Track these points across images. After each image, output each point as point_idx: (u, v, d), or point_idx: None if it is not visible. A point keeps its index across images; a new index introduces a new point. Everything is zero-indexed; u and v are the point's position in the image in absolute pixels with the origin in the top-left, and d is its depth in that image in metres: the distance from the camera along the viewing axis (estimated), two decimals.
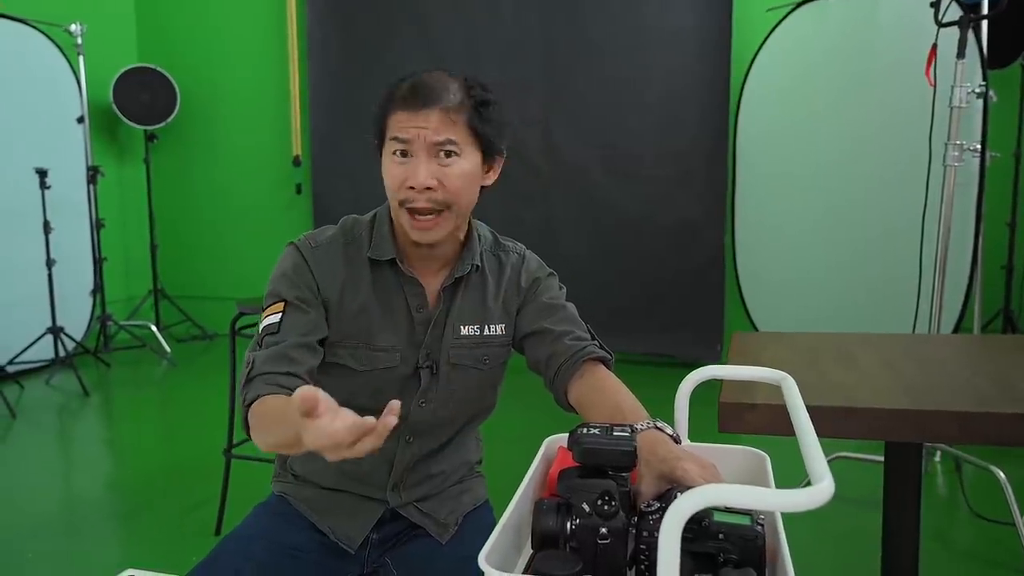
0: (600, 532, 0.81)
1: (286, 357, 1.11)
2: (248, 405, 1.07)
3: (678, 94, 4.28)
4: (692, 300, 4.36)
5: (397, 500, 1.26)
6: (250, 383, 1.09)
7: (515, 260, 1.30)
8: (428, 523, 1.27)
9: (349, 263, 1.20)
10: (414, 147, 1.11)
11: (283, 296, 1.16)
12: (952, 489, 2.73)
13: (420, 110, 1.10)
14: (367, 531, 1.25)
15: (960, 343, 1.70)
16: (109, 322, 4.78)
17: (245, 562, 1.15)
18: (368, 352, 1.19)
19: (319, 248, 1.20)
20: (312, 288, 1.17)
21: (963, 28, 2.55)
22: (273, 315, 1.15)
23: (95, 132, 4.98)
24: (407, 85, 1.13)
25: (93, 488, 2.89)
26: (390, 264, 1.21)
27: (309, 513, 1.26)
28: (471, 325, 1.23)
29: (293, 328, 1.14)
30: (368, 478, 1.25)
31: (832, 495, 0.65)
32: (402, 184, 1.12)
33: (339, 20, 4.89)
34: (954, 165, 2.64)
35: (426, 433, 1.25)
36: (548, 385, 1.24)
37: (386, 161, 1.15)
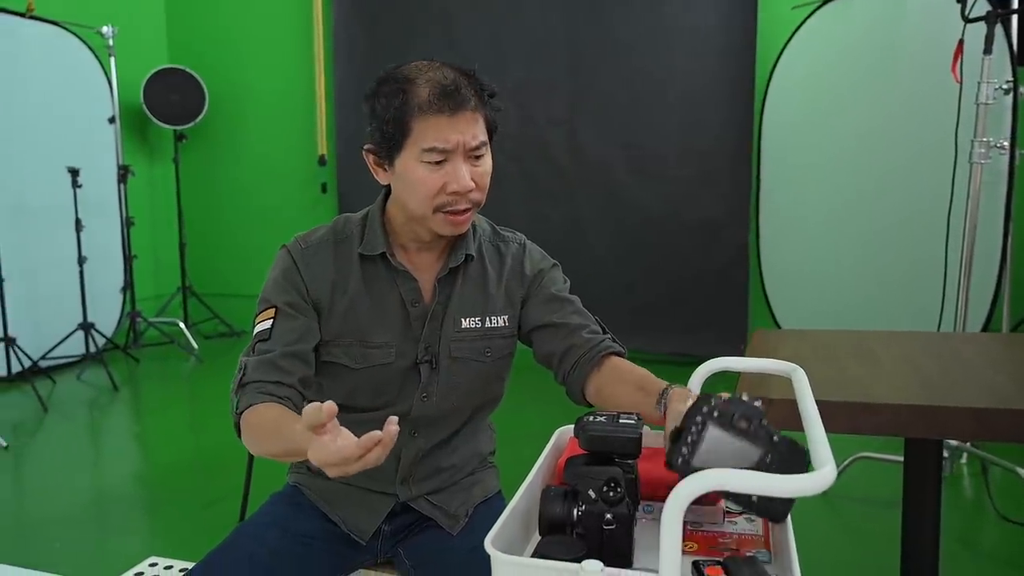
0: (606, 518, 0.82)
1: (275, 366, 1.12)
2: (240, 412, 1.10)
3: (702, 93, 4.26)
4: (715, 299, 4.34)
5: (407, 493, 1.26)
6: (242, 389, 1.11)
7: (516, 250, 1.29)
8: (438, 515, 1.27)
9: (338, 261, 1.20)
10: (453, 154, 1.10)
11: (273, 302, 1.18)
12: (978, 491, 2.69)
13: (454, 115, 1.08)
14: (377, 523, 1.26)
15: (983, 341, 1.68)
16: (138, 319, 4.86)
17: (259, 548, 1.17)
18: (362, 349, 1.19)
19: (308, 248, 1.21)
20: (301, 291, 1.18)
21: (990, 23, 2.51)
22: (265, 321, 1.17)
23: (126, 132, 5.07)
24: (431, 88, 1.09)
25: (121, 480, 2.95)
26: (382, 259, 1.20)
27: (321, 504, 1.28)
28: (472, 317, 1.23)
29: (283, 336, 1.15)
30: (377, 472, 1.26)
31: (833, 481, 0.65)
32: (441, 190, 1.11)
33: (365, 21, 4.94)
34: (980, 162, 2.61)
35: (431, 426, 1.25)
36: (562, 379, 1.23)
37: (413, 169, 1.11)
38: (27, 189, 4.30)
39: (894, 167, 3.55)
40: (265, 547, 1.18)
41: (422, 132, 1.09)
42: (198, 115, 5.07)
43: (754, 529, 0.96)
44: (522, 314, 1.27)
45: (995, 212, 2.92)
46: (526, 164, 4.64)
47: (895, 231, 3.56)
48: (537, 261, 1.29)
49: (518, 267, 1.27)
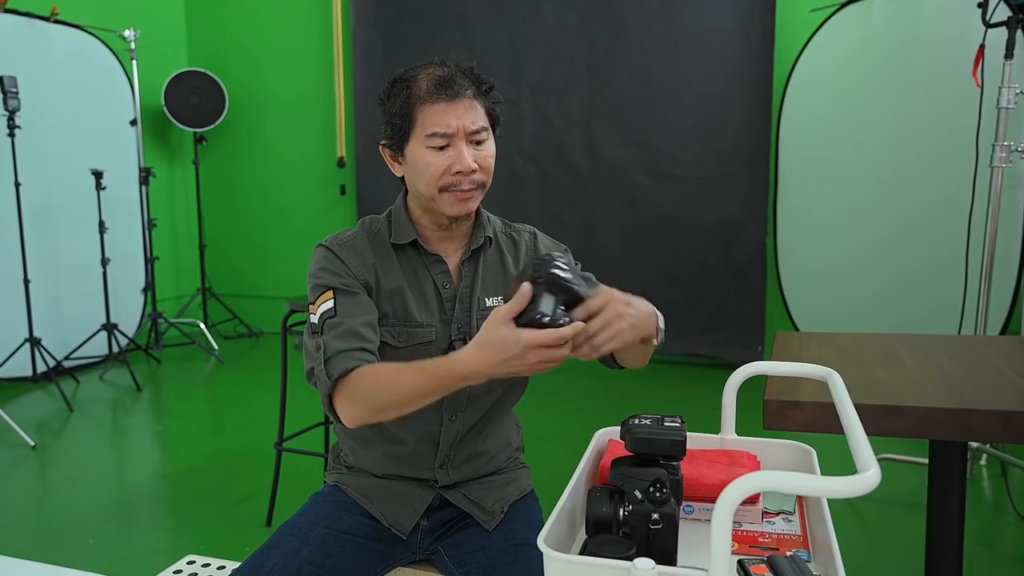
0: (652, 518, 0.85)
1: (356, 334, 1.18)
2: (336, 380, 1.15)
3: (720, 95, 4.27)
4: (733, 300, 4.35)
5: (445, 478, 1.31)
6: (329, 362, 1.16)
7: (528, 238, 1.39)
8: (475, 511, 1.31)
9: (376, 251, 1.28)
10: (454, 138, 1.20)
11: (330, 285, 1.23)
12: (998, 493, 2.70)
13: (454, 101, 1.19)
14: (418, 516, 1.30)
15: (1005, 344, 1.70)
16: (160, 319, 4.92)
17: (303, 545, 1.21)
18: (406, 329, 1.26)
19: (345, 244, 1.28)
20: (351, 275, 1.25)
21: (1011, 28, 2.52)
22: (326, 303, 1.22)
23: (147, 134, 5.14)
24: (430, 79, 1.20)
25: (148, 479, 3.00)
26: (412, 247, 1.29)
27: (362, 500, 1.31)
28: (494, 297, 1.31)
29: (350, 310, 1.21)
30: (417, 459, 1.30)
31: (879, 483, 0.68)
32: (446, 171, 1.20)
33: (383, 23, 4.98)
34: (1002, 166, 2.62)
35: (466, 409, 1.30)
36: None
37: (420, 154, 1.21)
38: (52, 191, 4.36)
39: (913, 169, 3.56)
40: (309, 544, 1.21)
41: (425, 119, 1.19)
42: (218, 118, 5.13)
43: (793, 529, 0.99)
44: None
45: (1014, 215, 2.93)
46: (543, 165, 4.68)
47: (913, 233, 3.57)
48: (550, 246, 1.39)
49: (531, 252, 1.37)
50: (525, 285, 0.98)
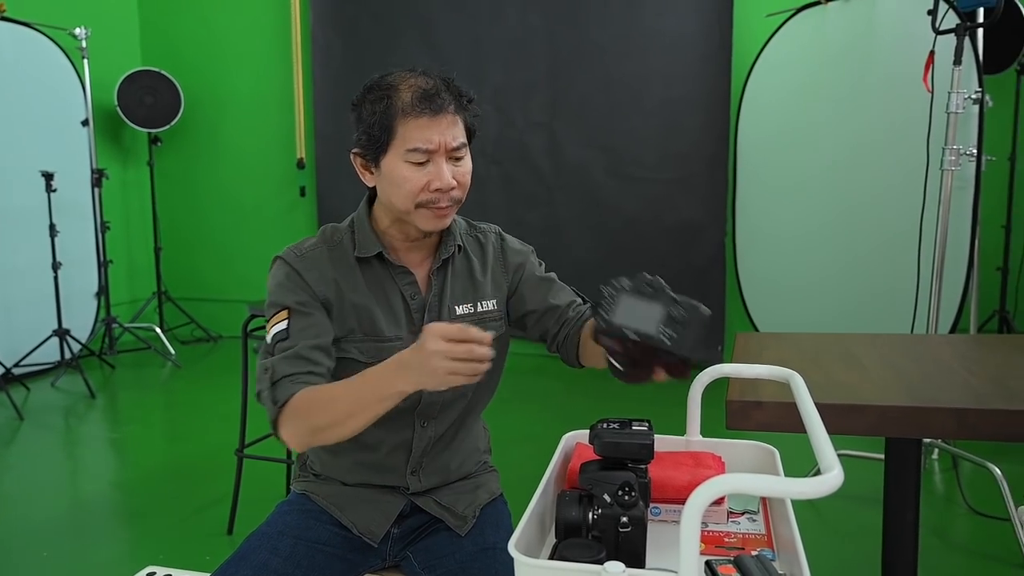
0: (621, 521, 0.86)
1: (303, 358, 1.17)
2: (281, 406, 1.13)
3: (680, 98, 4.33)
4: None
5: (417, 484, 1.30)
6: (275, 386, 1.15)
7: (494, 239, 1.38)
8: (447, 516, 1.31)
9: (336, 264, 1.25)
10: (436, 155, 1.17)
11: (285, 304, 1.21)
12: (949, 486, 2.78)
13: (437, 116, 1.16)
14: (388, 524, 1.29)
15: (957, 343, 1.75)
16: (114, 324, 4.81)
17: (272, 556, 1.19)
18: (374, 344, 1.24)
19: (304, 256, 1.25)
20: (308, 292, 1.22)
21: (959, 35, 2.60)
22: (280, 323, 1.20)
23: (99, 135, 5.01)
24: (413, 92, 1.16)
25: (103, 489, 2.93)
26: (378, 259, 1.26)
27: (332, 509, 1.30)
28: (465, 304, 1.30)
29: (302, 332, 1.19)
30: (389, 466, 1.30)
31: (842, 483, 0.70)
32: (424, 188, 1.17)
33: (343, 23, 4.94)
34: (951, 169, 2.70)
35: (437, 416, 1.30)
36: (557, 348, 1.34)
37: (398, 168, 1.17)
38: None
39: (867, 172, 3.65)
40: (278, 555, 1.20)
41: (406, 133, 1.16)
42: (173, 118, 5.03)
43: (757, 528, 1.00)
44: (511, 302, 1.36)
45: (963, 217, 3.02)
46: (506, 167, 4.68)
47: (868, 234, 3.66)
48: (518, 248, 1.39)
49: (500, 256, 1.37)
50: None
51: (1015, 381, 1.35)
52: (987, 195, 3.63)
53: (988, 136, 3.24)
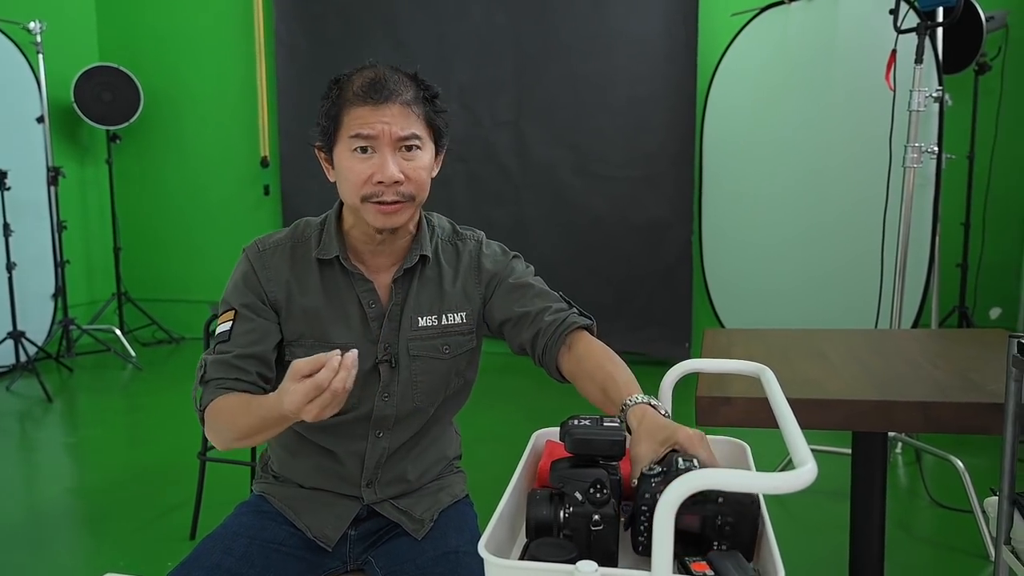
0: (593, 519, 0.85)
1: (232, 366, 1.17)
2: (203, 408, 1.15)
3: (646, 97, 4.34)
4: (661, 298, 4.43)
5: (372, 496, 1.27)
6: (204, 386, 1.17)
7: (472, 247, 1.30)
8: (403, 520, 1.28)
9: (295, 264, 1.23)
10: (378, 143, 1.12)
11: (232, 304, 1.21)
12: (913, 479, 2.82)
13: (382, 105, 1.11)
14: (343, 528, 1.26)
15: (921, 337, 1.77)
16: (72, 326, 4.69)
17: (226, 556, 1.16)
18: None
19: (266, 252, 1.23)
20: (259, 293, 1.21)
21: (920, 35, 2.64)
22: (225, 323, 1.20)
23: (56, 132, 4.89)
24: (362, 81, 1.13)
25: (60, 494, 2.85)
26: (337, 262, 1.22)
27: (287, 511, 1.27)
28: (429, 316, 1.24)
29: (240, 337, 1.18)
30: (344, 474, 1.27)
31: (816, 477, 0.69)
32: (367, 180, 1.13)
33: (307, 20, 4.87)
34: (913, 167, 2.74)
35: (394, 427, 1.26)
36: (538, 362, 1.25)
37: (344, 159, 1.14)
38: None
39: (831, 169, 3.69)
40: (232, 555, 1.17)
41: (349, 121, 1.13)
42: (133, 115, 4.92)
43: None
44: (486, 311, 1.29)
45: (925, 213, 3.07)
46: (472, 165, 4.66)
47: (832, 230, 3.71)
48: (495, 258, 1.30)
49: (474, 264, 1.29)
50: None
51: (977, 374, 1.37)
52: (947, 193, 3.69)
53: (948, 135, 3.30)
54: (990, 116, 4.00)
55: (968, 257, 4.00)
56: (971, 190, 3.97)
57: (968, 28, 3.50)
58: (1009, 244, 4.08)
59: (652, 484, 0.84)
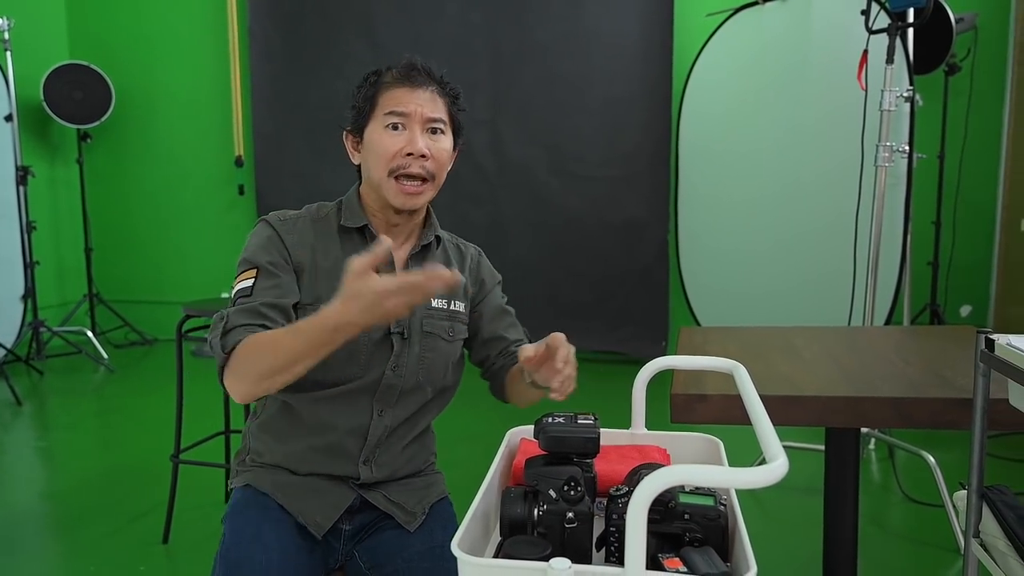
0: (567, 517, 0.85)
1: (259, 313, 1.17)
2: (229, 352, 1.13)
3: (622, 96, 4.36)
4: (638, 297, 4.45)
5: (368, 474, 1.27)
6: (227, 335, 1.15)
7: (474, 253, 1.43)
8: (396, 511, 1.28)
9: (318, 234, 1.28)
10: (409, 120, 1.23)
11: (255, 263, 1.23)
12: (886, 474, 2.86)
13: (417, 88, 1.24)
14: (338, 514, 1.24)
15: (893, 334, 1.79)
16: (42, 328, 4.61)
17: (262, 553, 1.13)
18: None
19: (287, 221, 1.28)
20: (284, 254, 1.24)
21: (891, 35, 2.67)
22: (246, 280, 1.21)
23: (24, 131, 4.81)
24: (399, 67, 1.25)
25: (31, 499, 2.80)
26: (359, 233, 1.29)
27: (278, 496, 1.23)
28: (440, 299, 1.32)
29: (264, 291, 1.20)
30: (342, 452, 1.26)
31: (786, 472, 0.69)
32: (398, 152, 1.22)
33: (281, 17, 4.83)
34: (885, 166, 2.77)
35: (396, 405, 1.28)
36: (489, 377, 1.41)
37: (376, 134, 1.23)
38: None
39: (804, 169, 3.73)
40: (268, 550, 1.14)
41: (385, 101, 1.24)
42: (103, 114, 4.85)
43: None
44: (472, 315, 1.39)
45: (896, 212, 3.11)
46: None
47: (806, 229, 3.74)
48: (490, 272, 1.44)
49: (476, 268, 1.41)
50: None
51: (948, 370, 1.38)
52: (918, 192, 3.75)
53: (918, 135, 3.35)
54: (960, 116, 4.06)
55: (939, 255, 4.06)
56: (942, 189, 4.02)
57: (938, 29, 3.55)
58: (979, 243, 4.14)
59: (620, 504, 0.85)
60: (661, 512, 0.82)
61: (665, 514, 0.82)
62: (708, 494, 0.86)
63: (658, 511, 0.82)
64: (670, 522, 0.83)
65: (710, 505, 0.84)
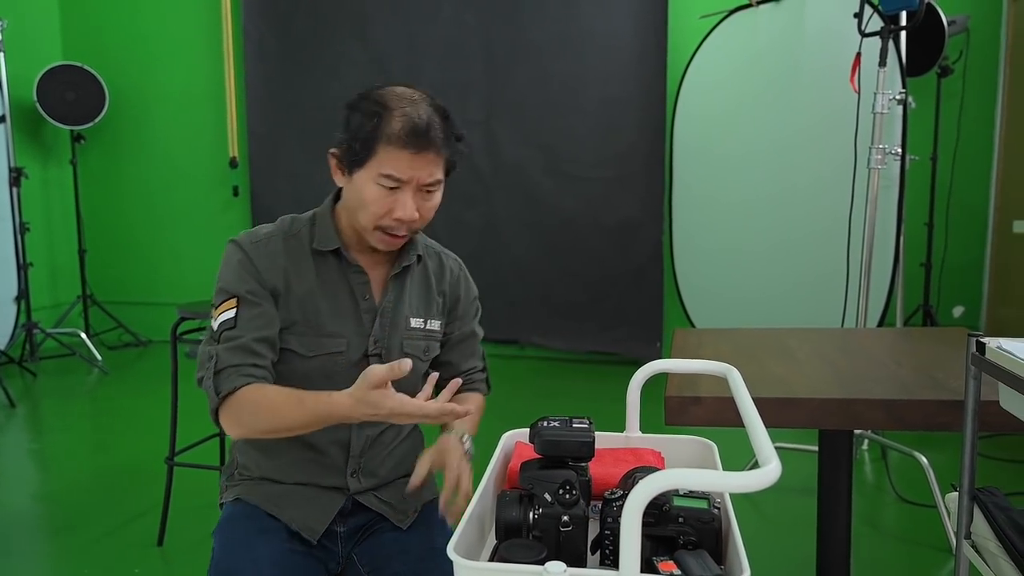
0: (562, 520, 0.85)
1: (250, 350, 1.16)
2: (223, 396, 1.13)
3: (617, 97, 4.37)
4: (632, 298, 4.46)
5: (357, 485, 1.27)
6: (219, 376, 1.14)
7: (454, 266, 1.39)
8: (387, 510, 1.28)
9: (290, 254, 1.25)
10: (406, 185, 1.17)
11: (234, 292, 1.20)
12: (879, 475, 2.87)
13: (419, 153, 1.15)
14: (329, 519, 1.24)
15: (886, 336, 1.80)
16: (35, 330, 4.60)
17: None
18: (315, 338, 1.22)
19: (259, 243, 1.24)
20: (259, 280, 1.21)
21: (884, 38, 2.68)
22: (228, 311, 1.19)
23: (18, 132, 4.79)
24: (405, 123, 1.14)
25: (24, 502, 2.79)
26: (334, 255, 1.25)
27: (270, 506, 1.24)
28: (418, 318, 1.31)
29: (250, 322, 1.18)
30: (329, 465, 1.26)
31: (779, 476, 0.70)
32: (387, 214, 1.18)
33: (276, 19, 4.83)
34: (877, 168, 2.78)
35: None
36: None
37: (367, 187, 1.17)
38: None
39: (798, 171, 3.74)
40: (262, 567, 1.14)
41: (384, 159, 1.15)
42: (97, 115, 4.84)
43: None
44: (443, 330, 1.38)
45: (889, 214, 3.12)
46: None
47: (800, 231, 3.75)
48: (467, 290, 1.41)
49: (455, 284, 1.38)
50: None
51: (940, 372, 1.39)
52: (911, 194, 3.76)
53: (911, 137, 3.36)
54: (952, 118, 4.07)
55: (932, 257, 4.08)
56: (934, 191, 4.04)
57: (931, 32, 3.57)
58: (971, 244, 4.16)
59: (614, 508, 0.86)
60: (656, 515, 0.83)
61: (659, 517, 0.83)
62: (702, 497, 0.86)
63: (653, 514, 0.82)
64: (664, 525, 0.83)
65: (704, 508, 0.85)
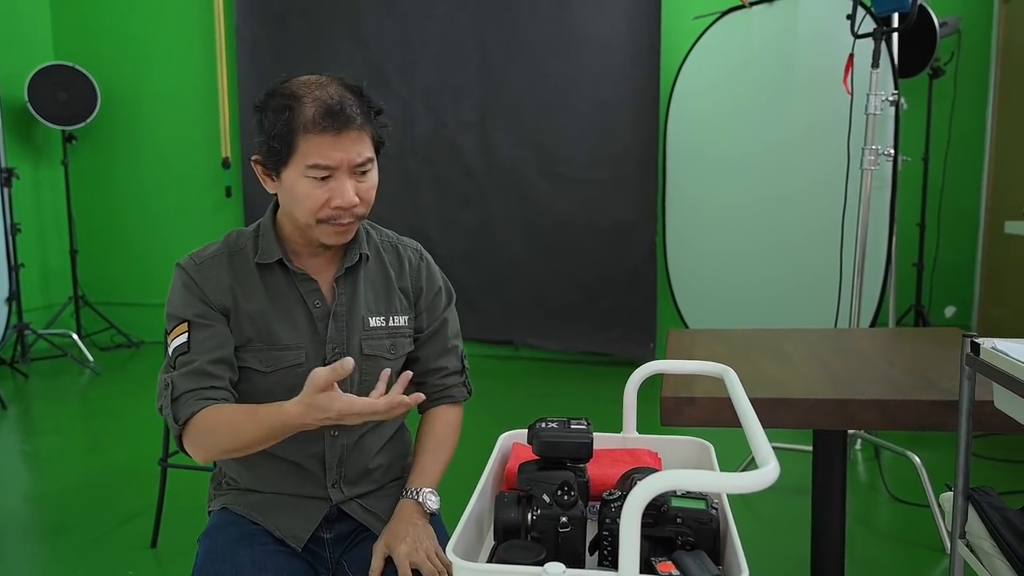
0: (561, 521, 0.85)
1: (205, 373, 1.14)
2: (184, 423, 1.12)
3: (610, 99, 4.37)
4: (626, 299, 4.47)
5: (340, 496, 1.27)
6: (176, 403, 1.13)
7: (412, 256, 1.35)
8: (371, 520, 1.27)
9: (236, 271, 1.22)
10: (338, 171, 1.13)
11: (183, 317, 1.18)
12: (872, 475, 2.88)
13: (339, 134, 1.11)
14: (313, 527, 1.24)
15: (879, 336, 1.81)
16: (27, 331, 4.58)
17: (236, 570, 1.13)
18: (272, 353, 1.21)
19: (203, 263, 1.22)
20: (205, 301, 1.19)
21: (876, 39, 2.70)
22: (180, 336, 1.17)
23: (8, 133, 4.76)
24: (317, 107, 1.11)
25: (16, 503, 2.77)
26: (279, 265, 1.23)
27: (255, 515, 1.25)
28: (378, 316, 1.27)
29: (202, 345, 1.16)
30: (308, 478, 1.26)
31: (778, 476, 0.70)
32: (325, 204, 1.14)
33: (269, 18, 4.82)
34: (870, 169, 2.79)
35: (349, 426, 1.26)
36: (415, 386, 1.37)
37: (298, 184, 1.13)
38: None
39: (791, 172, 3.75)
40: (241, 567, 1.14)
41: (307, 150, 1.11)
42: (89, 115, 4.81)
43: None
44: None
45: (882, 215, 3.13)
46: (438, 167, 4.65)
47: (793, 232, 3.76)
48: (434, 278, 1.36)
49: (416, 274, 1.33)
50: None
51: (933, 372, 1.40)
52: (903, 195, 3.78)
53: (903, 138, 3.38)
54: (944, 119, 4.10)
55: (924, 257, 4.10)
56: (926, 192, 4.06)
57: (923, 34, 3.59)
58: (963, 244, 4.18)
59: (613, 509, 0.86)
60: (654, 516, 0.83)
61: (658, 518, 0.83)
62: (700, 497, 0.87)
63: (651, 515, 0.82)
64: (662, 526, 0.83)
65: (702, 509, 0.85)
